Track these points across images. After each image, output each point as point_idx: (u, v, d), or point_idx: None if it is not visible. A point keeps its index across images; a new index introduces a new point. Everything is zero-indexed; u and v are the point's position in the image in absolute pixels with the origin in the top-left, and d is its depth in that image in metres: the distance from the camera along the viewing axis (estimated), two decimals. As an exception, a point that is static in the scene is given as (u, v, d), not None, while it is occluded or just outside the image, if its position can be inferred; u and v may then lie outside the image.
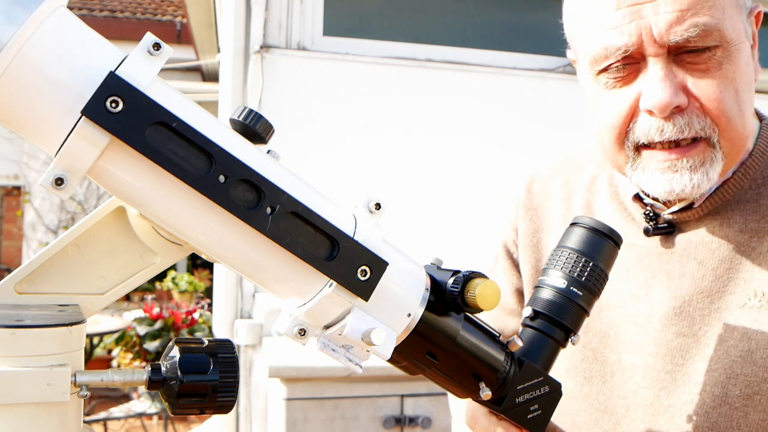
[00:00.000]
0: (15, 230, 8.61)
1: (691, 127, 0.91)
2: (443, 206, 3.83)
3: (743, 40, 0.92)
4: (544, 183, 1.21)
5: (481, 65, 4.00)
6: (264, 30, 3.73)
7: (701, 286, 0.99)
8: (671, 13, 0.88)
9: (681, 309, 1.00)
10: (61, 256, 0.78)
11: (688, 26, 0.87)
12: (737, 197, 1.00)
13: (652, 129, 0.92)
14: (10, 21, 0.56)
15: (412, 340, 0.76)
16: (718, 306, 0.97)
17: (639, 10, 0.89)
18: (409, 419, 2.83)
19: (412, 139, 3.87)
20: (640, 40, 0.90)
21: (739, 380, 0.94)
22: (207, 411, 0.71)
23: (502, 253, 1.23)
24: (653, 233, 1.03)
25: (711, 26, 0.88)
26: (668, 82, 0.90)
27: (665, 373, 1.00)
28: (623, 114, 0.95)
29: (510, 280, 1.21)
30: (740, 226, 0.98)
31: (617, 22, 0.90)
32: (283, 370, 2.74)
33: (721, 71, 0.90)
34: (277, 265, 0.67)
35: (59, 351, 0.66)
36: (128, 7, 9.84)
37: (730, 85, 0.91)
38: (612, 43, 0.91)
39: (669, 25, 0.88)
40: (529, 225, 1.19)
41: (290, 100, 3.73)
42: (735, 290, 0.97)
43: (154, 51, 0.61)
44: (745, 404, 0.94)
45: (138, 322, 5.52)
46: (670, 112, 0.90)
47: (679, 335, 0.99)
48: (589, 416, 1.08)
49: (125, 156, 0.60)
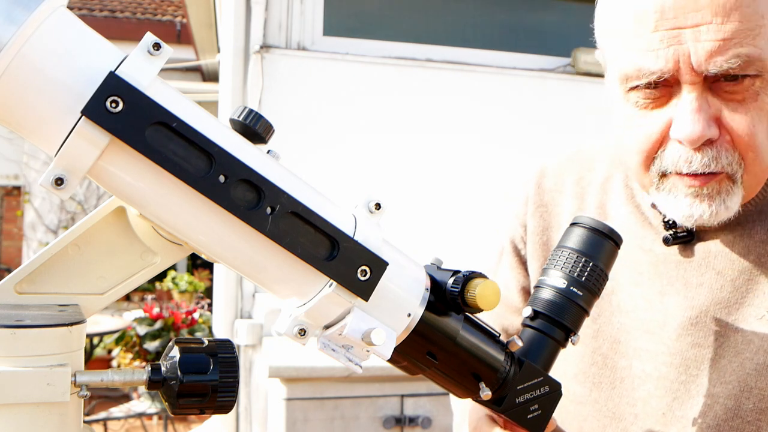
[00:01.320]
0: (15, 230, 8.61)
1: (719, 162, 0.88)
2: (443, 206, 3.83)
3: None
4: (554, 179, 1.18)
5: (481, 65, 4.00)
6: (264, 30, 3.73)
7: (719, 296, 0.97)
8: (713, 42, 0.82)
9: (698, 319, 0.98)
10: (61, 256, 0.78)
11: (730, 57, 0.82)
12: (759, 208, 0.99)
13: (681, 159, 0.90)
14: (10, 21, 0.56)
15: (412, 340, 0.76)
16: (735, 318, 0.96)
17: (679, 35, 0.84)
18: (409, 419, 2.83)
19: (412, 139, 3.87)
20: (677, 66, 0.85)
21: (753, 394, 0.93)
22: (207, 411, 0.71)
23: (509, 248, 1.19)
24: (673, 243, 1.01)
25: (754, 56, 0.83)
26: (702, 114, 0.86)
27: (679, 384, 0.98)
28: (653, 140, 0.92)
29: (516, 277, 1.19)
30: (761, 236, 0.97)
31: (654, 45, 0.86)
32: (283, 370, 2.74)
33: (757, 102, 0.86)
34: (277, 265, 0.67)
35: (59, 351, 0.66)
36: (128, 7, 9.84)
37: (763, 118, 0.87)
38: (646, 67, 0.87)
39: (709, 54, 0.83)
40: (539, 222, 1.16)
41: (290, 100, 3.73)
42: (753, 302, 0.95)
43: (154, 51, 0.61)
44: (758, 418, 0.93)
45: (138, 322, 5.52)
46: (701, 143, 0.88)
47: (694, 345, 0.98)
48: (596, 422, 1.07)
49: (125, 156, 0.60)
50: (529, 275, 1.18)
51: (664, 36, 0.85)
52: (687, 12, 0.83)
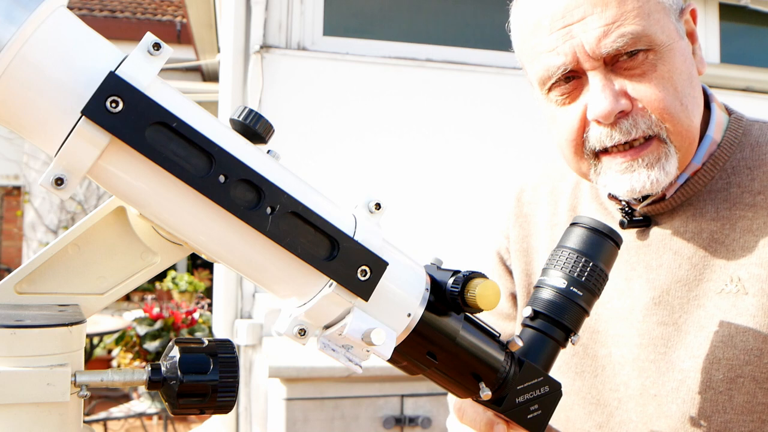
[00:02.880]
0: (15, 230, 8.61)
1: (638, 128, 0.97)
2: (443, 206, 3.83)
3: (675, 39, 0.98)
4: (532, 192, 1.28)
5: (481, 65, 4.01)
6: (264, 30, 3.73)
7: (678, 275, 1.03)
8: (598, 29, 0.94)
9: (660, 299, 1.03)
10: (61, 256, 0.78)
11: (615, 37, 0.94)
12: (708, 188, 1.04)
13: (603, 135, 0.99)
14: (10, 21, 0.56)
15: (412, 340, 0.76)
16: (696, 294, 1.01)
17: (570, 31, 0.96)
18: (409, 419, 2.83)
19: (412, 139, 3.87)
20: (576, 57, 0.97)
21: (721, 365, 0.97)
22: (207, 411, 0.71)
23: (496, 260, 1.28)
24: (628, 226, 1.08)
25: (638, 33, 0.94)
26: (608, 91, 0.96)
27: (649, 362, 1.03)
28: (575, 127, 1.01)
29: (505, 285, 1.26)
30: (712, 215, 1.02)
31: (553, 44, 0.98)
32: (283, 370, 2.74)
33: (657, 72, 0.96)
34: (277, 265, 0.67)
35: (59, 351, 0.66)
36: (128, 7, 9.84)
37: (668, 84, 0.96)
38: (552, 64, 0.99)
39: (598, 39, 0.95)
40: (519, 232, 1.24)
41: (290, 100, 3.73)
42: (711, 277, 1.00)
43: (154, 51, 0.61)
44: (729, 387, 0.97)
45: (138, 322, 5.51)
46: (615, 117, 0.97)
47: (660, 324, 1.03)
48: (582, 410, 1.11)
49: (125, 156, 0.60)
50: (515, 281, 1.25)
51: (559, 35, 0.97)
52: (571, 10, 0.96)
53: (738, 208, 1.01)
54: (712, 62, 4.44)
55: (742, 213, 1.01)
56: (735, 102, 1.11)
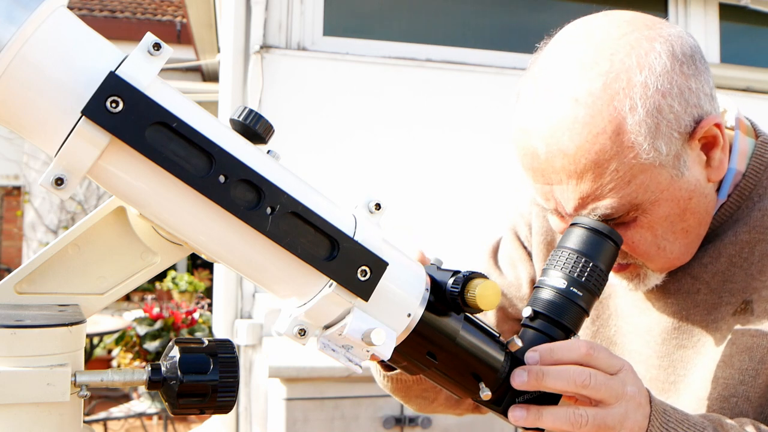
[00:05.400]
0: (15, 230, 8.60)
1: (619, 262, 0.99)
2: (443, 206, 3.83)
3: (665, 188, 0.93)
4: None
5: (481, 65, 4.00)
6: (264, 30, 3.73)
7: (696, 299, 1.03)
8: (574, 200, 0.94)
9: (679, 324, 1.04)
10: (61, 256, 0.78)
11: (589, 211, 0.93)
12: (730, 216, 1.03)
13: None
14: (10, 21, 0.56)
15: (412, 340, 0.76)
16: (714, 317, 1.01)
17: (551, 190, 0.96)
18: (409, 419, 2.83)
19: (412, 139, 3.87)
20: (559, 208, 0.97)
21: (718, 383, 0.98)
22: (207, 411, 0.71)
23: (511, 235, 1.25)
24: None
25: (613, 206, 0.92)
26: None
27: (669, 384, 1.05)
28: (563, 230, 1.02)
29: (524, 265, 1.22)
30: (731, 238, 1.02)
31: (539, 191, 0.98)
32: (283, 370, 2.74)
33: (636, 222, 0.94)
34: (277, 265, 0.67)
35: (59, 351, 0.66)
36: (128, 7, 9.83)
37: (646, 232, 0.95)
38: (540, 200, 1.00)
39: (573, 208, 0.94)
40: (543, 222, 1.21)
41: (290, 100, 3.72)
42: (730, 300, 1.00)
43: (154, 51, 0.61)
44: (722, 406, 0.98)
45: (138, 322, 5.51)
46: None
47: (678, 347, 1.04)
48: None
49: (125, 156, 0.60)
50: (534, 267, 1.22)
51: (541, 189, 0.97)
52: (550, 173, 0.94)
53: (757, 231, 1.00)
54: (712, 62, 4.44)
55: (761, 236, 0.99)
56: (735, 102, 1.10)
